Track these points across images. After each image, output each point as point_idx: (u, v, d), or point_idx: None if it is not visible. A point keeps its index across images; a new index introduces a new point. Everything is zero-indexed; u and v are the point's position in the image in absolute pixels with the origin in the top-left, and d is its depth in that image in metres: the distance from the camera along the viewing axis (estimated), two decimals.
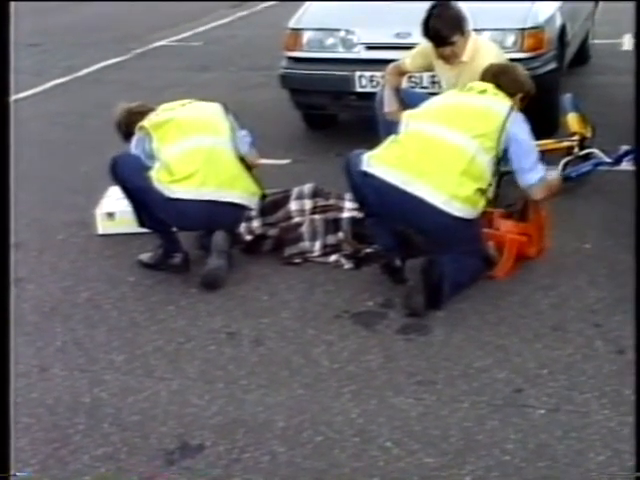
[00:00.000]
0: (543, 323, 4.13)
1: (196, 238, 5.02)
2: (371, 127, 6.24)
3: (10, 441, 2.80)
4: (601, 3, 9.95)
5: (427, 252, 4.33)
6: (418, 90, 6.10)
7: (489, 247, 4.53)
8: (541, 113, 5.54)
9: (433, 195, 4.20)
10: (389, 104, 5.72)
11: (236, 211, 4.77)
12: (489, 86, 4.56)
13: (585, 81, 8.51)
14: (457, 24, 5.36)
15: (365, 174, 4.34)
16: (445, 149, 4.30)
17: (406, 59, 5.80)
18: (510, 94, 4.52)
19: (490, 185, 4.32)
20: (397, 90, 5.85)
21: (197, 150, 4.68)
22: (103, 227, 5.41)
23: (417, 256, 4.33)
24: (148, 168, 4.68)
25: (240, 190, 4.75)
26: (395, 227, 4.47)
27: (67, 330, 4.28)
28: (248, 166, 4.86)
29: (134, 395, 3.69)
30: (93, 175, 6.54)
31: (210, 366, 3.89)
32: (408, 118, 4.52)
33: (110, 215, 5.39)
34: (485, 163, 4.29)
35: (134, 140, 4.83)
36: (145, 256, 4.93)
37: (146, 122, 4.76)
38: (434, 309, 4.23)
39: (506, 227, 4.68)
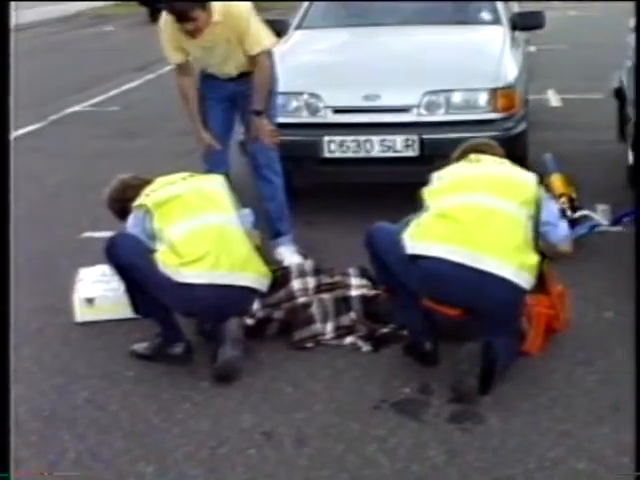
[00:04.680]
0: (598, 403, 3.89)
1: (195, 323, 4.60)
2: (334, 192, 5.96)
3: (10, 441, 2.70)
4: None
5: (464, 335, 4.06)
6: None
7: (522, 322, 4.26)
8: None
9: (503, 268, 3.92)
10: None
11: (248, 295, 4.39)
12: (495, 158, 4.40)
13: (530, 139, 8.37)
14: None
15: (414, 257, 4.01)
16: (503, 219, 4.04)
17: (173, 59, 5.53)
18: None
19: (540, 255, 4.08)
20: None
21: (206, 230, 4.29)
22: (82, 314, 4.94)
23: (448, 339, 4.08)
24: (150, 250, 4.26)
25: (252, 272, 4.36)
26: (425, 309, 4.19)
27: (77, 438, 3.81)
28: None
29: None
30: (48, 253, 6.12)
31: (256, 474, 3.49)
32: (437, 196, 4.22)
33: (90, 301, 4.93)
34: (533, 231, 4.05)
35: (131, 218, 4.40)
36: (140, 346, 4.50)
37: (146, 199, 4.34)
38: (482, 394, 3.92)
39: (532, 300, 4.41)
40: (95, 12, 29.86)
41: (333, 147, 6.25)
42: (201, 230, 4.27)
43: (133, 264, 4.22)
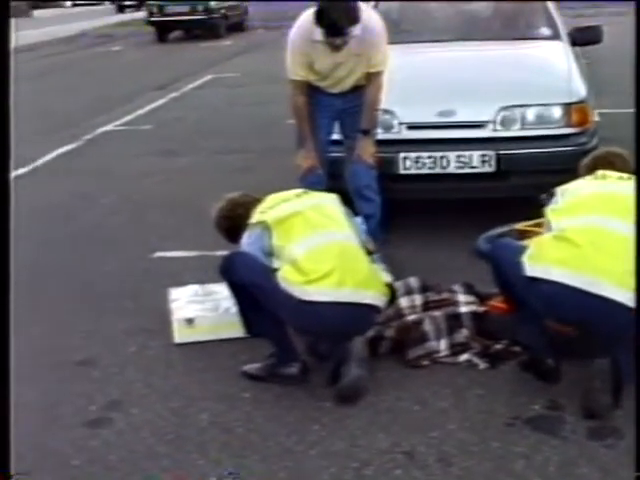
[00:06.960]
0: None
1: (304, 343, 4.54)
2: (400, 209, 6.19)
3: (10, 441, 2.64)
4: None
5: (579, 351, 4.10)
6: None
7: None
8: None
9: (619, 292, 3.88)
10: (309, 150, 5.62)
11: (371, 313, 4.32)
12: (623, 174, 4.35)
13: None
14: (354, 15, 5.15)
15: (533, 279, 3.99)
16: (619, 242, 3.99)
17: (294, 77, 5.54)
18: None
19: None
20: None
21: (329, 246, 4.23)
22: (181, 335, 4.88)
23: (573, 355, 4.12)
24: (270, 268, 4.20)
25: (375, 290, 4.30)
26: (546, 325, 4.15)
27: (212, 462, 3.74)
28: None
29: None
30: (120, 274, 6.06)
31: None
32: (559, 215, 4.19)
33: (189, 321, 4.87)
34: None
35: (247, 236, 4.33)
36: (252, 367, 4.44)
37: (264, 216, 4.29)
38: (616, 408, 3.89)
39: None
40: (99, 31, 29.88)
41: (409, 163, 6.19)
42: (324, 247, 4.21)
43: (253, 282, 4.17)
